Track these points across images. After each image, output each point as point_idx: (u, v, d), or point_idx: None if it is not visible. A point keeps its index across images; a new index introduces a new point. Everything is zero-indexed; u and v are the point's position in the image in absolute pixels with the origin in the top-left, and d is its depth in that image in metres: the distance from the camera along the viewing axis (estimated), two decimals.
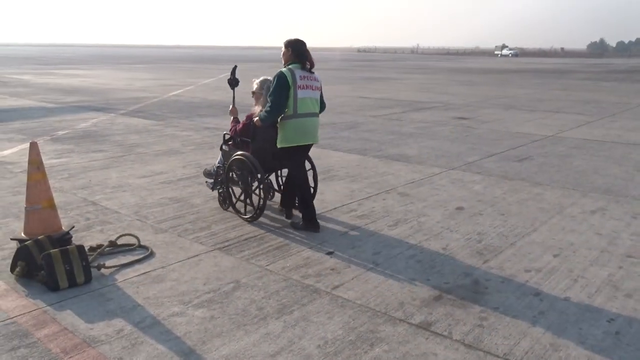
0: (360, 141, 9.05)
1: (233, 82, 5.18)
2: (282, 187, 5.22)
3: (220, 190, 5.17)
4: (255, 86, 4.90)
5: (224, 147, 5.12)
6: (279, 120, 4.54)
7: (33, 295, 3.36)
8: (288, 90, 4.38)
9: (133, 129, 10.13)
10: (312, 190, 4.86)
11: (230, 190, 5.02)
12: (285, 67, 4.52)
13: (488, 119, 12.03)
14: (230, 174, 4.96)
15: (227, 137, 5.12)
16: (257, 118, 4.65)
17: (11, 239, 4.17)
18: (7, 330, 2.93)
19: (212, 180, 5.38)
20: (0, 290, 3.42)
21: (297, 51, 4.52)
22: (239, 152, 4.80)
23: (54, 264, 3.42)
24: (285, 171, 5.17)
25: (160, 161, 7.29)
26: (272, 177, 5.45)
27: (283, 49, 4.59)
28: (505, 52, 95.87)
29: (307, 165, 4.93)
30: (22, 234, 4.11)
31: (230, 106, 5.24)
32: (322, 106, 4.81)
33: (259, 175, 4.67)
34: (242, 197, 4.90)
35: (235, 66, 5.33)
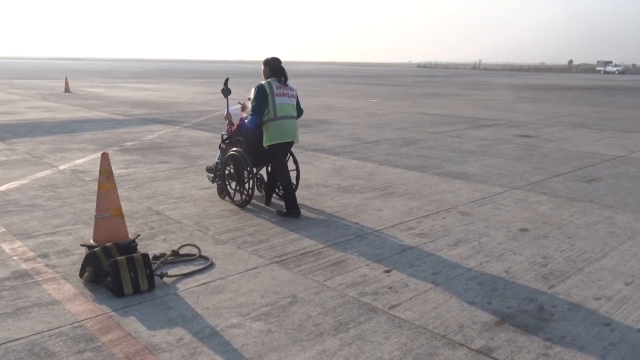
0: (419, 158, 8.93)
1: (226, 92, 6.05)
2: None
3: (218, 182, 6.06)
4: (251, 94, 5.57)
5: (222, 145, 6.07)
6: (264, 124, 5.43)
7: (99, 300, 3.49)
8: (266, 97, 5.34)
9: (196, 141, 10.44)
10: (294, 184, 5.81)
11: (227, 183, 5.90)
12: (265, 80, 5.48)
13: (554, 138, 11.59)
14: (227, 168, 5.85)
15: (224, 137, 6.04)
16: (247, 120, 5.55)
17: (81, 245, 4.37)
18: (74, 334, 3.05)
19: (212, 175, 6.21)
20: (69, 294, 3.58)
21: (273, 68, 5.51)
22: (233, 149, 5.73)
23: (120, 270, 3.55)
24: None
25: None
26: (263, 172, 6.27)
27: (262, 67, 5.55)
28: (609, 68, 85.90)
29: (292, 165, 5.84)
30: (91, 241, 4.30)
31: (225, 112, 6.19)
32: (300, 112, 5.72)
33: (249, 169, 5.52)
34: (236, 188, 5.78)
35: (227, 78, 6.30)
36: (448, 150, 9.80)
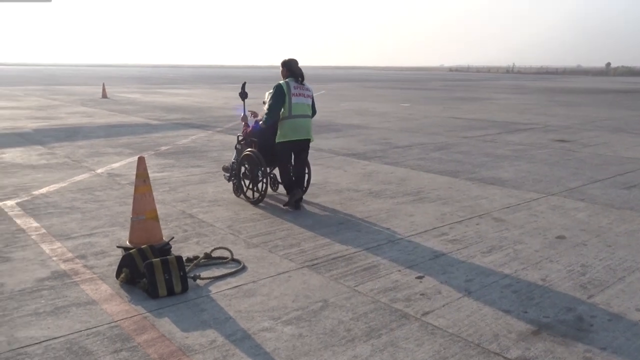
0: (451, 163, 8.83)
1: (243, 95, 6.33)
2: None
3: (234, 181, 6.32)
4: (266, 97, 5.98)
5: (237, 146, 6.39)
6: (279, 121, 5.71)
7: (135, 301, 3.56)
8: (283, 97, 5.63)
9: (228, 145, 10.56)
10: (305, 186, 6.10)
11: (242, 182, 6.20)
12: (283, 80, 5.76)
13: (592, 143, 11.30)
14: (242, 168, 6.13)
15: (240, 138, 6.39)
16: (261, 121, 5.89)
17: (117, 247, 4.47)
18: (111, 333, 3.12)
19: (228, 174, 6.43)
20: (106, 294, 3.66)
21: (291, 69, 5.82)
22: (248, 150, 6.04)
23: (155, 272, 3.61)
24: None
25: None
26: (277, 172, 6.38)
27: (281, 68, 5.90)
28: None
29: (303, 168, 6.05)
30: (127, 242, 4.39)
31: (242, 114, 6.45)
32: (313, 112, 6.03)
33: (262, 168, 5.85)
34: (250, 186, 6.08)
35: (245, 82, 6.52)
36: (481, 155, 9.65)
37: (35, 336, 3.07)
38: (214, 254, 4.35)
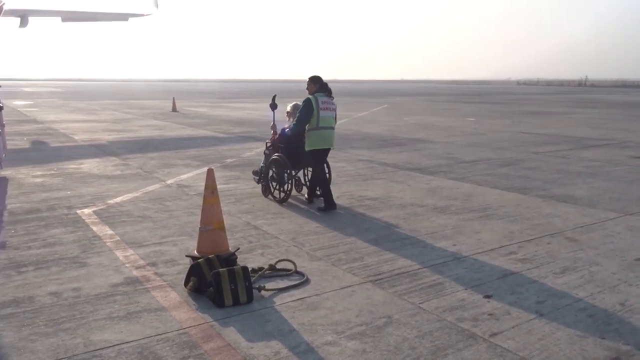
0: (520, 179, 8.53)
1: (273, 106, 6.98)
2: (308, 182, 7.08)
3: (262, 183, 7.06)
4: (288, 108, 7.02)
5: (265, 151, 7.15)
6: (306, 131, 6.38)
7: (202, 309, 3.65)
8: (312, 110, 6.26)
9: None
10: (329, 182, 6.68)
11: (270, 184, 6.94)
12: (311, 94, 6.39)
13: None
14: (270, 171, 6.88)
15: (268, 144, 7.15)
16: (288, 129, 6.65)
17: (185, 256, 4.61)
18: (179, 340, 3.21)
19: (257, 177, 7.14)
20: (175, 302, 3.77)
21: (319, 84, 6.48)
22: (275, 154, 6.81)
23: (222, 282, 3.69)
24: (309, 169, 7.07)
25: None
26: (300, 175, 7.20)
27: (310, 83, 6.50)
28: None
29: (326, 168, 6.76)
30: (195, 252, 4.52)
31: (272, 123, 7.03)
32: (335, 121, 6.60)
33: (288, 171, 6.59)
34: (277, 187, 6.81)
35: (275, 95, 7.15)
36: (552, 171, 9.27)
37: (109, 339, 3.21)
38: (278, 266, 4.40)
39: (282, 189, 6.74)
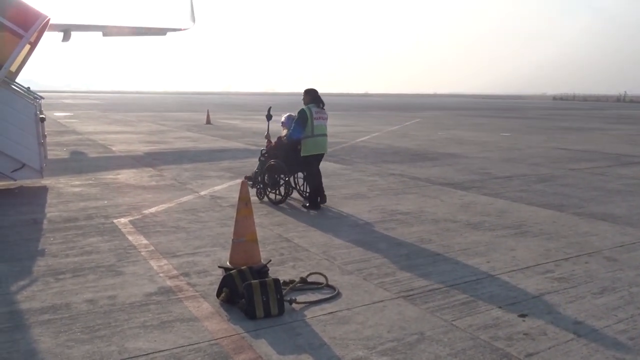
0: (556, 196, 8.34)
1: (268, 117, 7.86)
2: (301, 187, 7.80)
3: (258, 187, 7.67)
4: (283, 119, 7.73)
5: (261, 158, 7.77)
6: (302, 139, 7.09)
7: (234, 320, 3.67)
8: (306, 120, 7.02)
9: (323, 172, 10.71)
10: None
11: (265, 188, 7.52)
12: (305, 106, 7.15)
13: None
14: (265, 176, 7.48)
15: (263, 151, 7.80)
16: (284, 137, 7.42)
17: (218, 267, 4.66)
18: (211, 350, 3.23)
19: (251, 182, 7.56)
20: (207, 312, 3.81)
21: (312, 96, 7.25)
22: (272, 160, 7.40)
23: (254, 294, 3.71)
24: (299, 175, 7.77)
25: (347, 204, 7.57)
26: (291, 179, 7.61)
27: (305, 95, 7.30)
28: None
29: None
30: (228, 263, 4.56)
31: (266, 132, 8.05)
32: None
33: (283, 175, 7.34)
34: (272, 191, 7.46)
35: (270, 107, 7.90)
36: (589, 188, 9.04)
37: (143, 348, 3.26)
38: (310, 279, 4.40)
39: (277, 192, 7.44)
